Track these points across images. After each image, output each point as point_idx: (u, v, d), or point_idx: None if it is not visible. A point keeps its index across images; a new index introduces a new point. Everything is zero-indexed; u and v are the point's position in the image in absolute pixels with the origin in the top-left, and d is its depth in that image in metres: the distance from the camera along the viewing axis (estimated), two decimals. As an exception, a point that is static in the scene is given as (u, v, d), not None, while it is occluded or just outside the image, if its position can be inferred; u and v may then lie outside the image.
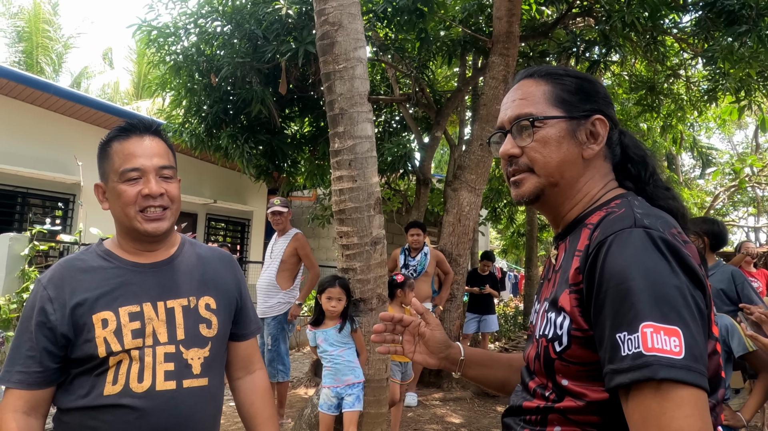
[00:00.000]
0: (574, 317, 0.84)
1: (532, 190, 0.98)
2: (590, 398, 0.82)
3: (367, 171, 3.58)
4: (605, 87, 1.07)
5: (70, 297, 1.26)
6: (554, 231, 1.04)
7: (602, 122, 0.97)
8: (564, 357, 0.86)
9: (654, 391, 0.71)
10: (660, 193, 0.97)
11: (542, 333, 0.91)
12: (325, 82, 3.70)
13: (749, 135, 21.47)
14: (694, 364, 0.72)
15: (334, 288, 3.30)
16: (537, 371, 0.92)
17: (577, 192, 0.98)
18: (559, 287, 0.90)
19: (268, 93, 6.29)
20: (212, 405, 1.37)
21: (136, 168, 1.29)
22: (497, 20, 5.74)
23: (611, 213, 0.89)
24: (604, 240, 0.82)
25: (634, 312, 0.74)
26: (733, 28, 4.95)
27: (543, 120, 0.96)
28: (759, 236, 19.41)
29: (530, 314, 1.10)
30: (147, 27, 6.42)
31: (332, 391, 3.31)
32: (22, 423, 1.22)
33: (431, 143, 7.49)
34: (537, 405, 0.91)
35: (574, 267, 0.86)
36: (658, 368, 0.71)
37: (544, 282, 1.04)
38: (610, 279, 0.78)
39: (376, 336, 1.15)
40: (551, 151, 0.96)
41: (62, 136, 9.04)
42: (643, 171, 0.98)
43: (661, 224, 0.83)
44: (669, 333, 0.72)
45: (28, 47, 15.88)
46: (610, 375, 0.76)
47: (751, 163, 12.51)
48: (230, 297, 1.45)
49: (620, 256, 0.79)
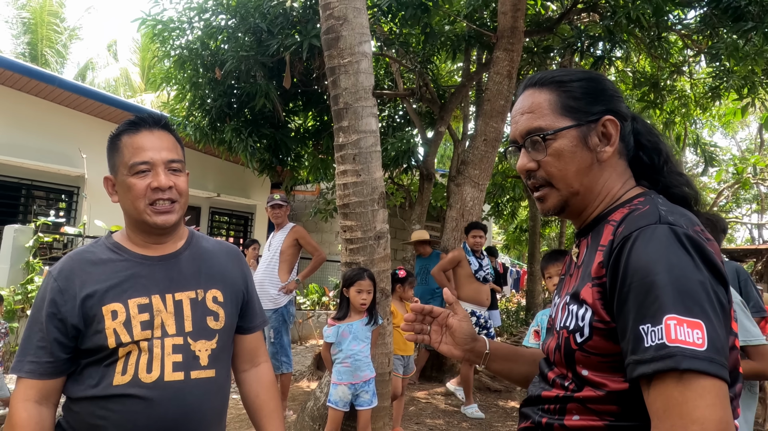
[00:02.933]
0: (596, 309, 0.86)
1: (556, 204, 1.00)
2: (610, 388, 0.85)
3: (371, 165, 3.59)
4: (610, 80, 1.07)
5: (80, 289, 1.28)
6: (576, 228, 1.06)
7: (613, 122, 0.97)
8: (585, 348, 0.88)
9: (676, 381, 0.73)
10: (674, 179, 0.98)
11: (563, 325, 0.93)
12: (330, 77, 3.70)
13: (753, 132, 21.38)
14: (716, 356, 0.73)
15: (364, 281, 3.21)
16: (557, 361, 0.95)
17: (597, 194, 0.99)
18: (582, 281, 0.92)
19: (272, 87, 6.29)
20: (219, 396, 1.39)
21: (146, 161, 1.31)
22: (502, 15, 5.72)
23: (635, 210, 0.90)
24: (629, 236, 0.84)
25: (658, 305, 0.76)
26: (739, 24, 4.93)
27: (555, 133, 0.97)
28: (762, 233, 19.36)
29: (549, 308, 1.12)
30: (152, 21, 6.42)
31: (350, 388, 3.21)
32: (33, 411, 1.24)
33: (435, 138, 7.49)
34: (556, 395, 0.93)
35: (597, 261, 0.88)
36: (682, 359, 0.73)
37: (566, 277, 1.06)
38: (635, 273, 0.80)
39: (406, 324, 1.17)
40: (566, 163, 0.97)
41: (67, 128, 9.07)
42: (656, 157, 0.99)
43: (685, 221, 0.84)
44: (692, 326, 0.74)
45: (34, 39, 15.88)
46: (633, 365, 0.78)
47: (754, 163, 12.45)
48: (237, 291, 1.47)
49: (645, 251, 0.80)
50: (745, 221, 20.67)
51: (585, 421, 0.87)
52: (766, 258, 11.38)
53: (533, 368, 1.15)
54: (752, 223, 20.33)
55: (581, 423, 0.88)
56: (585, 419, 0.87)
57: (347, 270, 3.47)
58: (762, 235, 19.54)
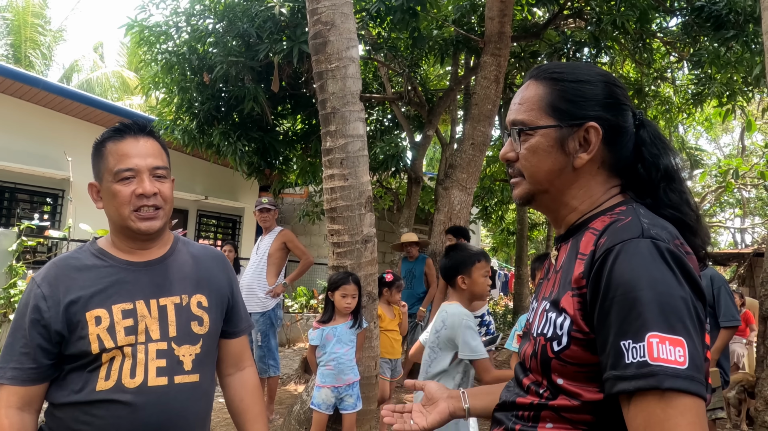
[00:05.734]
0: (576, 319, 0.86)
1: (522, 194, 1.01)
2: (585, 398, 0.84)
3: (358, 169, 3.61)
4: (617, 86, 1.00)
5: (64, 295, 1.28)
6: (555, 229, 1.05)
7: (595, 130, 0.94)
8: (561, 356, 0.87)
9: (658, 399, 0.74)
10: (670, 198, 0.94)
11: (540, 332, 0.93)
12: (318, 81, 3.72)
13: (735, 137, 21.74)
14: (696, 374, 0.74)
15: (348, 285, 3.23)
16: (533, 368, 0.94)
17: (571, 198, 0.98)
18: (561, 288, 0.91)
19: (260, 90, 6.29)
20: (203, 401, 1.39)
21: (130, 168, 1.31)
22: (489, 20, 5.78)
23: (618, 221, 0.88)
24: (612, 248, 0.83)
25: (641, 322, 0.76)
26: (720, 32, 5.03)
27: (533, 129, 0.97)
28: (745, 237, 19.68)
29: (528, 312, 1.12)
30: (139, 25, 6.39)
31: (333, 391, 3.23)
32: (15, 418, 1.24)
33: (423, 142, 7.53)
34: (531, 402, 0.93)
35: (578, 272, 0.87)
36: (664, 378, 0.73)
37: (544, 281, 1.05)
38: (617, 287, 0.79)
39: (388, 419, 1.16)
40: (539, 161, 0.97)
41: (51, 131, 8.96)
42: (654, 172, 0.95)
43: (665, 235, 0.84)
44: (674, 344, 0.74)
45: (17, 40, 15.68)
46: (613, 381, 0.78)
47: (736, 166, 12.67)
48: (222, 296, 1.47)
49: (628, 266, 0.80)
50: (728, 225, 21.00)
51: (558, 430, 0.88)
52: (748, 262, 11.56)
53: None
54: (735, 227, 20.66)
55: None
56: (558, 427, 0.88)
57: (333, 273, 3.48)
58: (744, 239, 19.87)
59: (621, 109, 0.97)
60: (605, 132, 0.94)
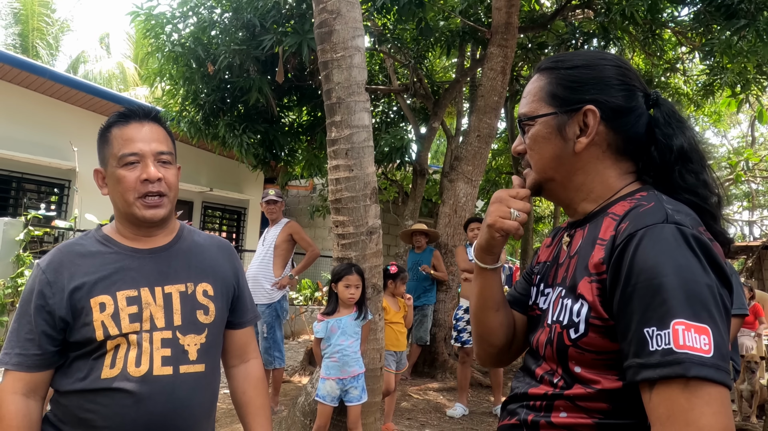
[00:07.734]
0: (595, 306, 0.84)
1: (531, 184, 1.02)
2: (603, 386, 0.83)
3: (363, 161, 3.58)
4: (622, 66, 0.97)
5: (68, 281, 1.27)
6: (569, 217, 1.03)
7: (593, 113, 0.93)
8: (579, 344, 0.86)
9: (682, 387, 0.72)
10: (686, 181, 0.91)
11: (556, 319, 0.91)
12: (323, 71, 3.69)
13: (744, 130, 21.53)
14: (721, 363, 0.73)
15: (352, 276, 3.22)
16: (548, 356, 0.92)
17: (580, 184, 0.97)
18: (578, 274, 0.89)
19: (265, 81, 6.26)
20: (208, 391, 1.38)
21: (135, 152, 1.30)
22: (496, 11, 5.72)
23: (639, 206, 0.86)
24: (634, 233, 0.81)
25: (665, 309, 0.75)
26: (732, 22, 4.95)
27: (533, 119, 0.98)
28: (753, 230, 19.55)
29: (533, 297, 1.07)
30: (145, 14, 6.37)
31: (338, 383, 3.22)
32: (20, 404, 1.24)
33: (428, 134, 7.49)
34: (544, 392, 0.91)
35: (598, 257, 0.85)
36: (690, 366, 0.72)
37: (553, 266, 1.02)
38: (640, 273, 0.78)
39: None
40: (540, 149, 0.98)
41: (58, 121, 8.99)
42: (668, 154, 0.92)
43: (690, 221, 0.82)
44: (699, 331, 0.73)
45: (24, 30, 15.69)
46: (636, 369, 0.76)
47: (746, 157, 12.53)
48: (228, 285, 1.46)
49: (652, 251, 0.78)
50: (737, 218, 20.84)
51: (573, 419, 0.86)
52: (756, 255, 11.49)
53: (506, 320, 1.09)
54: (743, 220, 20.51)
55: (569, 420, 0.86)
56: (573, 416, 0.86)
57: (336, 265, 3.47)
58: (753, 232, 19.73)
59: (624, 90, 0.94)
60: (606, 114, 0.93)
